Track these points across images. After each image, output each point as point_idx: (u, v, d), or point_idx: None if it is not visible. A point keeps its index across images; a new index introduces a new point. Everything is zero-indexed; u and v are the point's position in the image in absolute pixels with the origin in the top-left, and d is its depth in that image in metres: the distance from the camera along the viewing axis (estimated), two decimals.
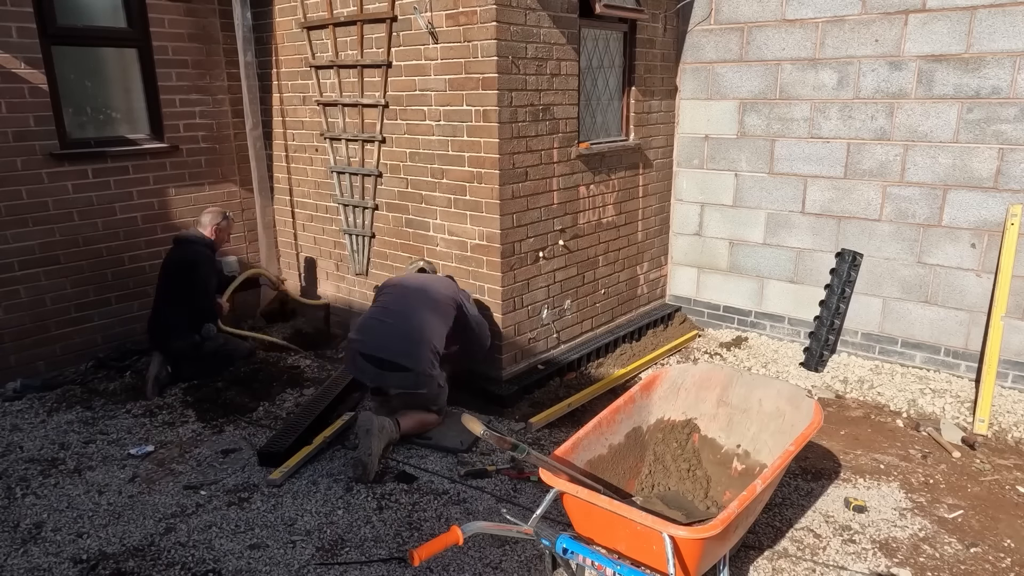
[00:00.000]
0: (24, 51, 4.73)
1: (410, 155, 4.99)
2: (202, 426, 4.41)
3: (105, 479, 3.81)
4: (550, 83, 4.69)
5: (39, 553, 3.21)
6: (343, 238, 5.71)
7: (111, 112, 5.36)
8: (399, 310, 4.23)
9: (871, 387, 5.08)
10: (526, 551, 3.20)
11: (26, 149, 4.83)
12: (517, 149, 4.56)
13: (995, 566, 3.19)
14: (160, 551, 3.22)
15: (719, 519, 2.42)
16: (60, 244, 5.07)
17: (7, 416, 4.52)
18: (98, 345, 5.31)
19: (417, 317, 4.18)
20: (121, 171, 5.31)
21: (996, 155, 4.74)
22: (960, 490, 3.81)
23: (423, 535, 3.31)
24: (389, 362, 4.06)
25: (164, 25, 5.42)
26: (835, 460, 4.10)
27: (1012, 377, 4.91)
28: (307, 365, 5.35)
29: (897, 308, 5.31)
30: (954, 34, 4.73)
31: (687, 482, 3.41)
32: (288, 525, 3.39)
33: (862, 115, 5.16)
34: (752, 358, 5.62)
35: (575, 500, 2.64)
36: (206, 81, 5.72)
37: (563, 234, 5.07)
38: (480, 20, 4.30)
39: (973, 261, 4.95)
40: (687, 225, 6.25)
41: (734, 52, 5.66)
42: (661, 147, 5.97)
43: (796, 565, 3.15)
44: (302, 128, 5.80)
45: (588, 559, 2.58)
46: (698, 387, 3.55)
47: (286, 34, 5.65)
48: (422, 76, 4.74)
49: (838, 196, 5.39)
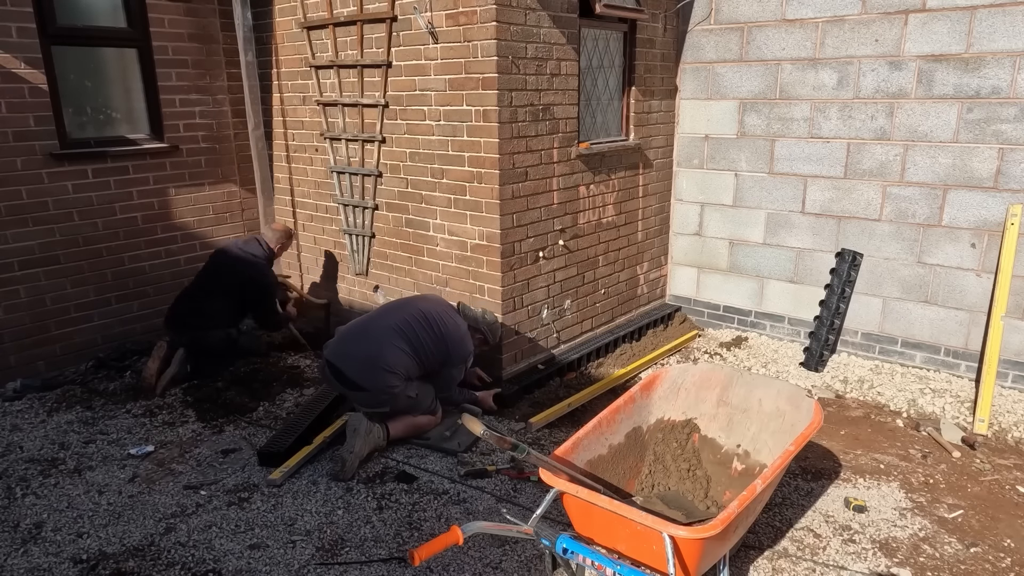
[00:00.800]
0: (24, 51, 4.73)
1: (410, 155, 4.99)
2: (202, 426, 4.41)
3: (105, 479, 3.81)
4: (550, 83, 4.70)
5: (39, 553, 3.21)
6: (343, 238, 5.71)
7: (111, 112, 5.36)
8: (369, 326, 4.14)
9: (871, 387, 5.08)
10: (526, 551, 3.20)
11: (26, 149, 4.83)
12: (517, 149, 4.56)
13: (995, 566, 3.19)
14: (160, 551, 3.22)
15: (719, 519, 2.42)
16: (60, 244, 5.07)
17: (7, 416, 4.52)
18: (98, 345, 5.31)
19: (379, 338, 4.05)
20: (121, 171, 5.31)
21: (996, 155, 4.74)
22: (960, 490, 3.81)
23: (423, 535, 3.31)
24: (347, 378, 4.03)
25: (164, 25, 5.42)
26: (835, 460, 4.10)
27: (1012, 377, 4.91)
28: (307, 365, 5.35)
29: (897, 308, 5.31)
30: (954, 34, 4.73)
31: (687, 482, 3.41)
32: (288, 525, 3.39)
33: (862, 115, 5.16)
34: (752, 358, 5.62)
35: (575, 500, 2.64)
36: (206, 81, 5.72)
37: (563, 234, 5.07)
38: (480, 20, 4.30)
39: (973, 261, 4.95)
40: (687, 225, 6.25)
41: (734, 52, 5.66)
42: (661, 147, 5.97)
43: (796, 565, 3.15)
44: (302, 128, 5.80)
45: (588, 559, 2.58)
46: (698, 387, 3.55)
47: (286, 34, 5.65)
48: (422, 76, 4.74)
49: (838, 196, 5.39)
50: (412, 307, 4.26)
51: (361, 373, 4.00)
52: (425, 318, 4.17)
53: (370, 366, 3.99)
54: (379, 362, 3.98)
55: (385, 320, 4.16)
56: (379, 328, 4.11)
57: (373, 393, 4.01)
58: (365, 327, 4.17)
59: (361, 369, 4.00)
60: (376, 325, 4.15)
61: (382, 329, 4.10)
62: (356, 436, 3.81)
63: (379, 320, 4.18)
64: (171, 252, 5.69)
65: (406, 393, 4.06)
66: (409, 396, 4.08)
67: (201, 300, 5.02)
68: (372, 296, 5.60)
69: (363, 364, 4.00)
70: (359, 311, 5.69)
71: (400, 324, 4.10)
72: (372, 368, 3.99)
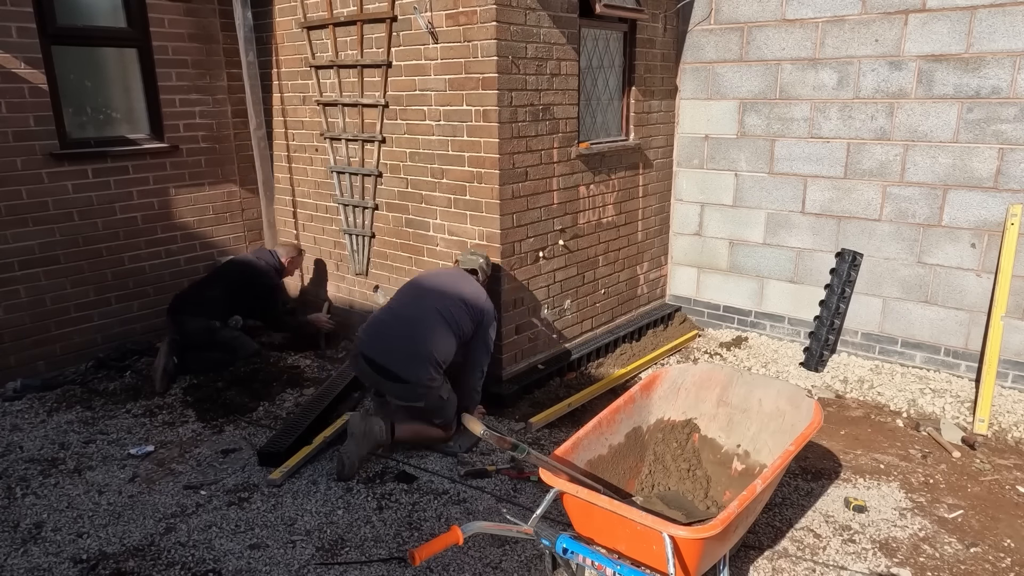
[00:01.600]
0: (24, 51, 4.73)
1: (410, 155, 4.99)
2: (202, 426, 4.41)
3: (105, 479, 3.81)
4: (550, 83, 4.69)
5: (39, 553, 3.21)
6: (343, 238, 5.71)
7: (111, 112, 5.36)
8: (409, 315, 4.04)
9: (871, 387, 5.08)
10: (526, 551, 3.20)
11: (26, 149, 4.83)
12: (517, 149, 4.56)
13: (995, 566, 3.19)
14: (160, 551, 3.22)
15: (719, 519, 2.42)
16: (60, 244, 5.07)
17: (7, 416, 4.52)
18: (98, 345, 5.31)
19: (424, 326, 3.97)
20: (121, 171, 5.31)
21: (996, 155, 4.74)
22: (960, 490, 3.81)
23: (423, 535, 3.31)
24: (388, 370, 3.93)
25: (164, 25, 5.42)
26: (835, 460, 4.10)
27: (1012, 377, 4.91)
28: (307, 365, 5.35)
29: (897, 308, 5.31)
30: (954, 34, 4.73)
31: (687, 482, 3.41)
32: (288, 525, 3.39)
33: (862, 115, 5.16)
34: (752, 358, 5.62)
35: (575, 500, 2.64)
36: (206, 81, 5.72)
37: (563, 234, 5.07)
38: (480, 20, 4.30)
39: (973, 261, 4.95)
40: (687, 225, 6.25)
41: (734, 52, 5.66)
42: (661, 147, 5.97)
43: (796, 565, 3.15)
44: (302, 128, 5.80)
45: (588, 559, 2.58)
46: (698, 387, 3.55)
47: (286, 34, 5.65)
48: (422, 76, 4.73)
49: (838, 196, 5.39)
50: (438, 288, 4.15)
51: (406, 366, 3.90)
52: (460, 298, 4.10)
53: (416, 357, 3.90)
54: (425, 352, 3.90)
55: (421, 309, 4.04)
56: (422, 319, 4.00)
57: (412, 385, 3.90)
58: (407, 320, 4.03)
59: (406, 362, 3.90)
60: (417, 316, 4.02)
61: (425, 319, 4.00)
62: (353, 439, 3.80)
63: (416, 310, 4.06)
64: (171, 252, 5.69)
65: (439, 393, 3.99)
66: (441, 397, 4.01)
67: (203, 289, 5.24)
68: (372, 296, 5.60)
69: (409, 356, 3.91)
70: (359, 311, 5.69)
71: (440, 309, 4.03)
72: (417, 359, 3.90)
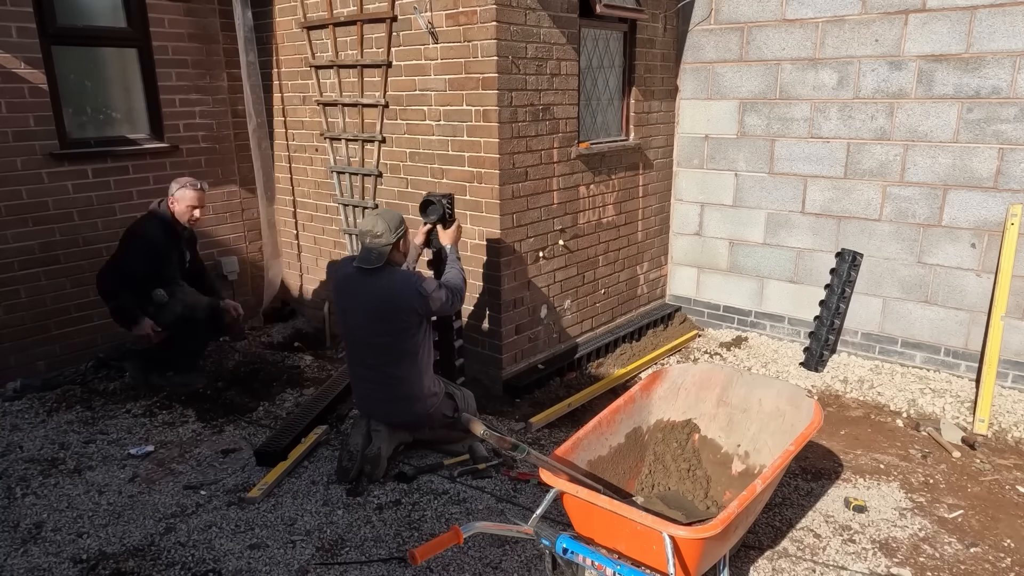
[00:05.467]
0: (24, 51, 4.73)
1: (410, 155, 4.99)
2: (202, 426, 4.41)
3: (105, 479, 3.81)
4: (550, 83, 4.69)
5: (39, 553, 3.21)
6: (343, 238, 5.71)
7: (111, 112, 5.36)
8: (383, 372, 3.70)
9: (871, 387, 5.08)
10: (526, 551, 3.20)
11: (26, 149, 4.83)
12: (517, 149, 4.56)
13: (995, 566, 3.19)
14: (160, 551, 3.22)
15: (719, 519, 2.42)
16: (60, 244, 5.07)
17: (7, 416, 4.51)
18: (98, 345, 5.31)
19: (401, 372, 3.69)
20: (121, 171, 5.31)
21: (996, 155, 4.74)
22: (960, 490, 3.81)
23: (423, 535, 3.31)
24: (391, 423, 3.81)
25: (164, 25, 5.42)
26: (835, 460, 4.10)
27: (1012, 377, 4.91)
28: (307, 365, 5.35)
29: (897, 308, 5.31)
30: (954, 34, 4.73)
31: (687, 482, 3.41)
32: (288, 525, 3.39)
33: (862, 115, 5.16)
34: (752, 358, 5.62)
35: (575, 500, 2.64)
36: (206, 81, 5.72)
37: (563, 234, 5.07)
38: (480, 20, 4.30)
39: (973, 261, 4.95)
40: (687, 225, 6.25)
41: (734, 52, 5.66)
42: (661, 147, 5.97)
43: (796, 565, 3.15)
44: (302, 128, 5.80)
45: (588, 559, 2.58)
46: (698, 387, 3.55)
47: (286, 34, 5.65)
48: (422, 76, 4.73)
49: (838, 196, 5.39)
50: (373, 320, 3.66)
51: (405, 414, 3.79)
52: (394, 311, 3.63)
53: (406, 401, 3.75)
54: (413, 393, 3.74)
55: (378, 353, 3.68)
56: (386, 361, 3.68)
57: (418, 420, 3.83)
58: (380, 375, 3.72)
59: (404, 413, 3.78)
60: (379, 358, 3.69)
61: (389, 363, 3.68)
62: (380, 433, 3.75)
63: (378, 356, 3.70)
64: None
65: (442, 411, 3.87)
66: (445, 415, 3.88)
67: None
68: None
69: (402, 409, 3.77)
70: None
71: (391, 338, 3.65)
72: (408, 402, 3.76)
